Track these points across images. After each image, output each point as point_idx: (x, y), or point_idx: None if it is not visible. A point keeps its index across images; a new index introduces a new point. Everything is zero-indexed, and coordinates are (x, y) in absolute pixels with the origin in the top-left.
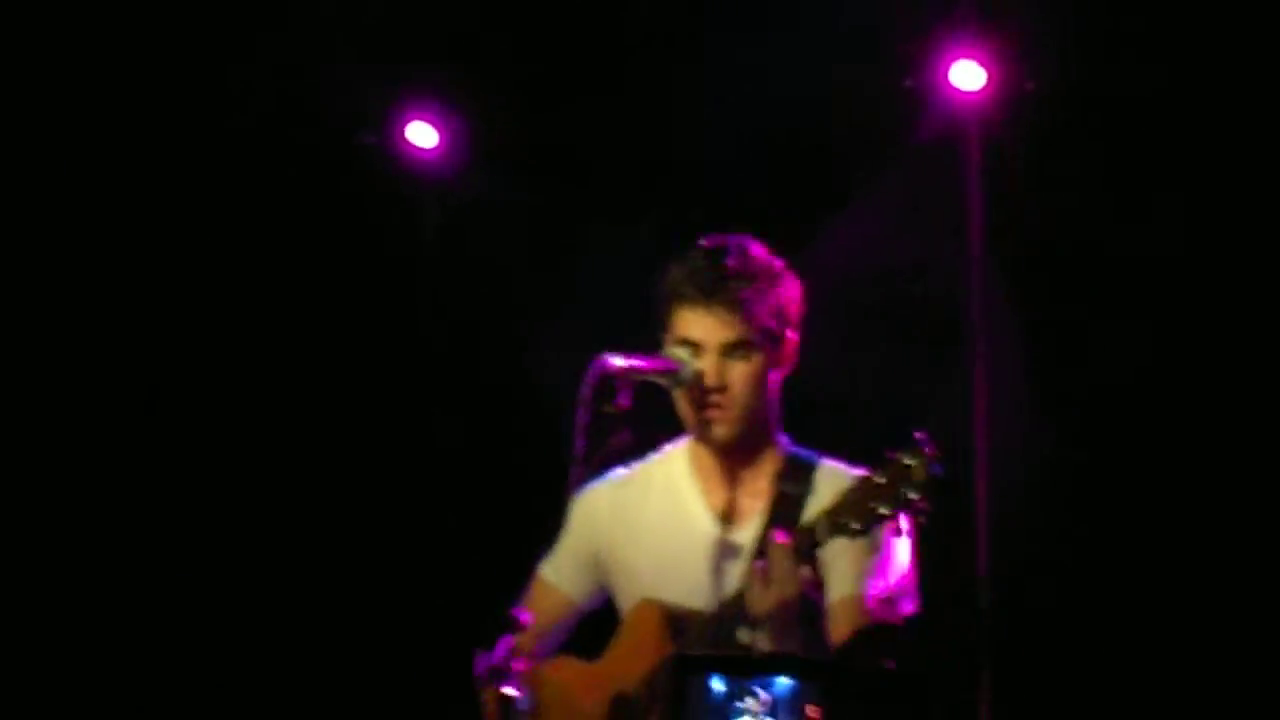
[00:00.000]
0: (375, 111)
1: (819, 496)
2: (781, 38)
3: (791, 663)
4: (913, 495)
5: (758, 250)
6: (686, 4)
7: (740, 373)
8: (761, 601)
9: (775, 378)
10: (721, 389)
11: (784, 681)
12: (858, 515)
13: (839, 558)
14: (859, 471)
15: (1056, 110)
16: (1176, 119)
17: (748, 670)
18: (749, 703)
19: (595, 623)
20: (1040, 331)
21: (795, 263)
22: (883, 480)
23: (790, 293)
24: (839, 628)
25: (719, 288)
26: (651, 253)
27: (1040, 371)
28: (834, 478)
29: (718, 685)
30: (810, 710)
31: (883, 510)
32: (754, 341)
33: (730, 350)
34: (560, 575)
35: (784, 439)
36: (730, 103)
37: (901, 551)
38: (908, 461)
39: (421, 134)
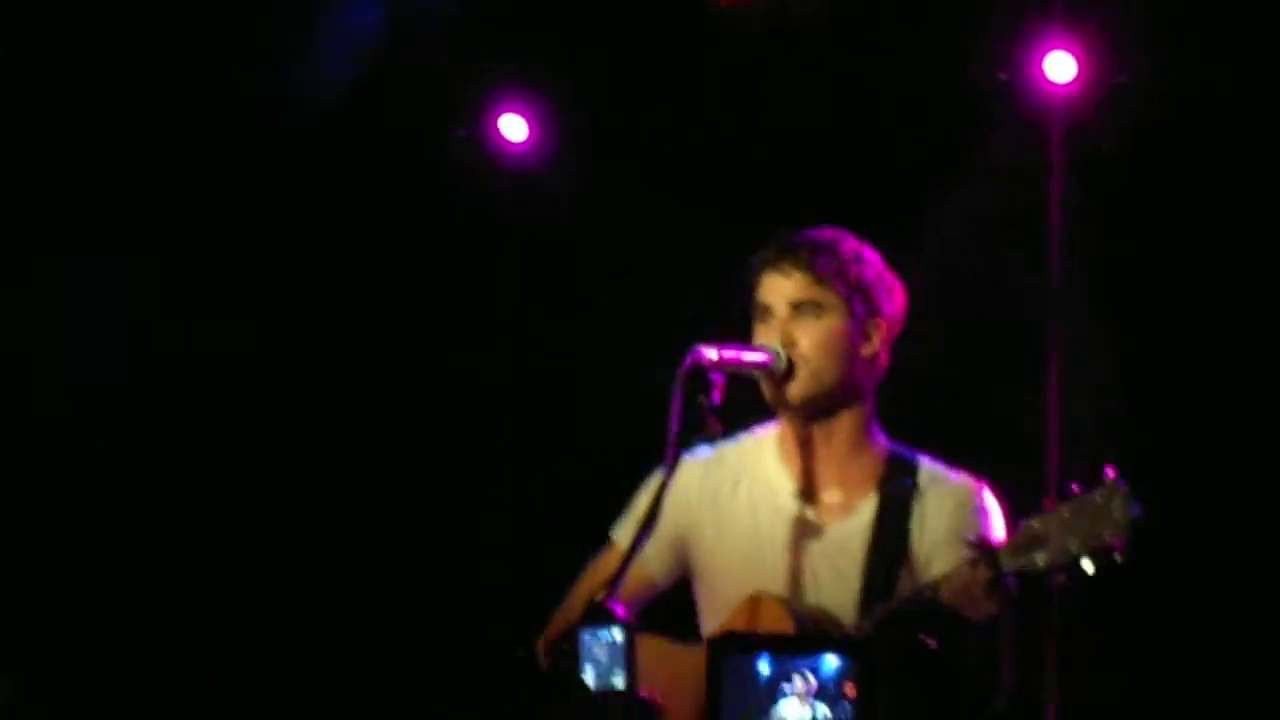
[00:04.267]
0: (468, 104)
1: (925, 498)
2: (873, 34)
3: (833, 640)
4: (1109, 535)
5: (845, 234)
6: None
7: (809, 331)
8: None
9: (859, 355)
10: (789, 344)
11: (831, 664)
12: (1046, 550)
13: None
14: (964, 477)
15: (1147, 104)
16: (1266, 115)
17: (788, 648)
18: (796, 683)
19: None
20: (1125, 335)
21: (892, 262)
22: (1071, 514)
23: (875, 274)
24: None
25: (789, 249)
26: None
27: (1122, 369)
28: (940, 481)
29: (764, 667)
30: (848, 688)
31: (1075, 548)
32: (821, 302)
33: (798, 309)
34: (643, 552)
35: (882, 436)
36: (821, 100)
37: None
38: (1103, 496)
39: (513, 127)
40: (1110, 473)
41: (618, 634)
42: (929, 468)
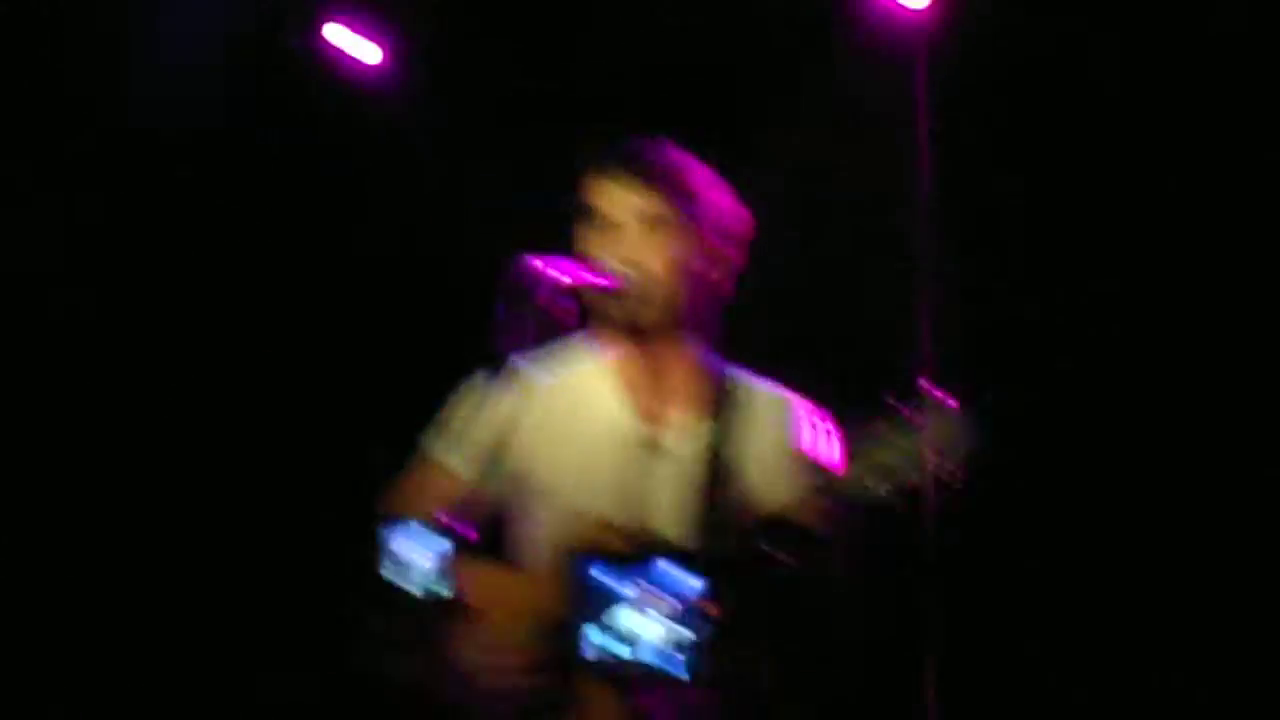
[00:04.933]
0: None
1: (754, 416)
2: None
3: (671, 549)
4: (949, 464)
5: (690, 155)
6: None
7: (658, 250)
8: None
9: (706, 280)
10: (634, 262)
11: (666, 571)
12: (879, 476)
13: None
14: (781, 390)
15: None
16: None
17: (634, 561)
18: (654, 604)
19: None
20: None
21: (739, 186)
22: (901, 438)
23: (724, 197)
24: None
25: (640, 162)
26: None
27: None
28: (762, 397)
29: (599, 574)
30: (709, 607)
31: (904, 478)
32: (671, 221)
33: (647, 226)
34: (468, 465)
35: (717, 358)
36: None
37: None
38: (936, 419)
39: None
40: (932, 391)
41: (442, 542)
42: (752, 385)
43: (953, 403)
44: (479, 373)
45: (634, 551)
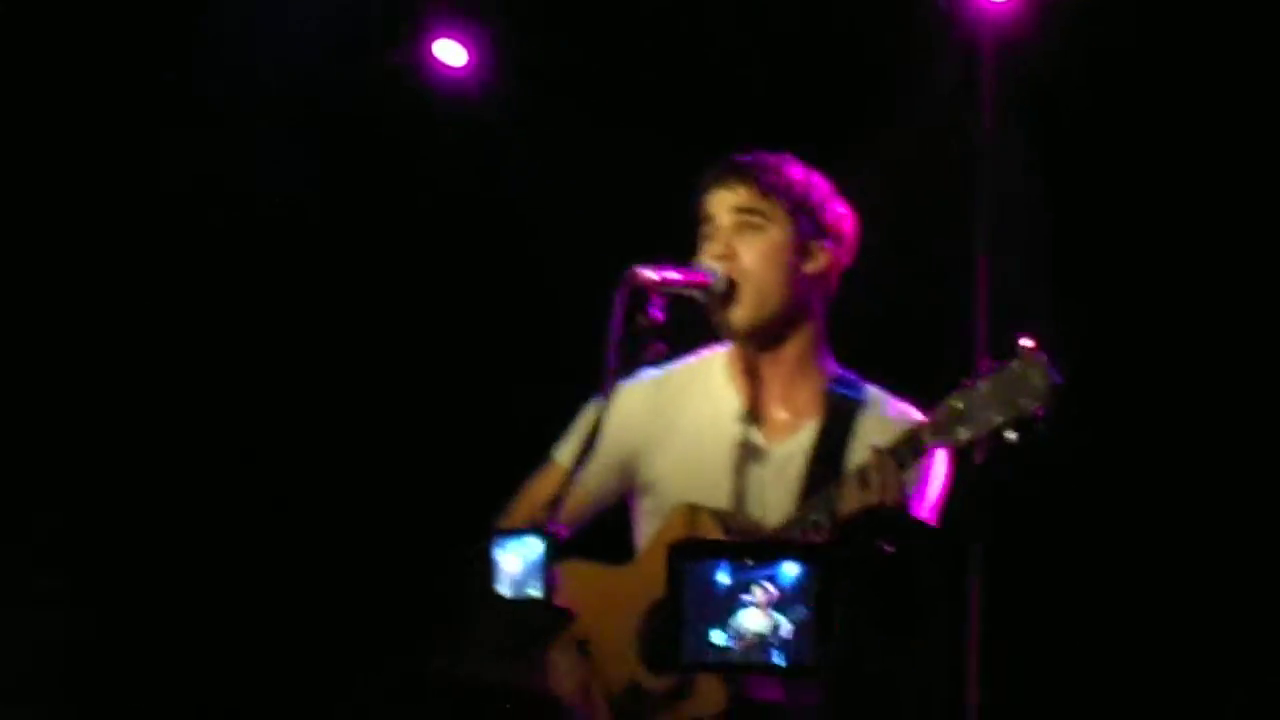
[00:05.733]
0: (404, 30)
1: (866, 425)
2: None
3: (791, 546)
4: (1031, 404)
5: (789, 157)
6: None
7: (750, 244)
8: (857, 504)
9: (802, 271)
10: (729, 256)
11: (790, 573)
12: (969, 424)
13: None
14: (908, 408)
15: (1085, 21)
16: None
17: (746, 554)
18: (755, 594)
19: None
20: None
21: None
22: (991, 389)
23: (822, 195)
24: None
25: (736, 165)
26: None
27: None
28: (882, 410)
29: (722, 577)
30: (809, 596)
31: (997, 419)
32: (765, 213)
33: (740, 221)
34: (587, 472)
35: (830, 361)
36: (754, 26)
37: (941, 467)
38: (1020, 367)
39: (450, 52)
40: (1026, 342)
41: (533, 543)
42: (875, 395)
43: (1040, 353)
44: (605, 383)
45: (752, 551)
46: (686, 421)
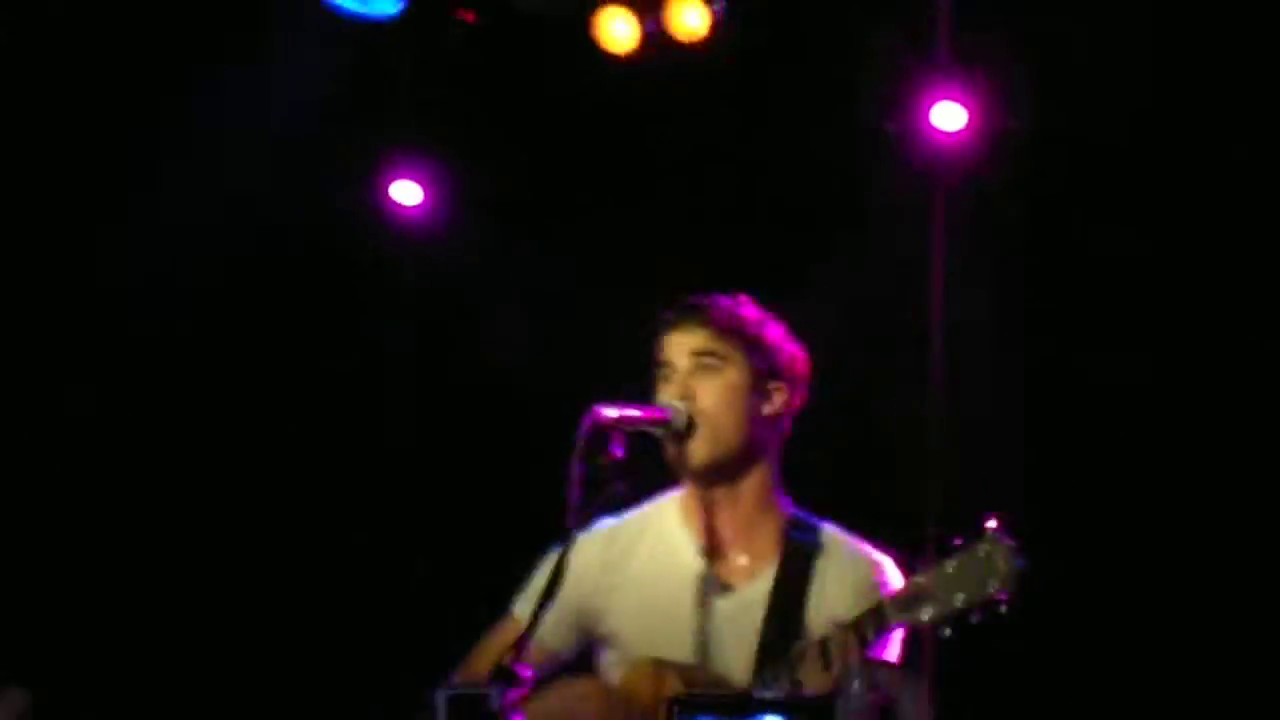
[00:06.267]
0: (358, 171)
1: (826, 568)
2: (762, 89)
3: (784, 702)
4: (995, 588)
5: (744, 298)
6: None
7: (708, 385)
8: (820, 683)
9: (759, 413)
10: (687, 398)
11: None
12: (933, 604)
13: None
14: (867, 550)
15: (1038, 149)
16: (1153, 158)
17: (743, 711)
18: None
19: None
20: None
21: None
22: (956, 569)
23: (776, 337)
24: None
25: (692, 308)
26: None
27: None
28: (842, 552)
29: None
30: None
31: (961, 601)
32: (722, 355)
33: (698, 361)
34: (544, 626)
35: (787, 501)
36: (713, 155)
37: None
38: (986, 550)
39: (406, 192)
40: (991, 524)
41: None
42: (832, 536)
43: (1007, 536)
44: (563, 532)
45: (744, 705)
46: (642, 569)
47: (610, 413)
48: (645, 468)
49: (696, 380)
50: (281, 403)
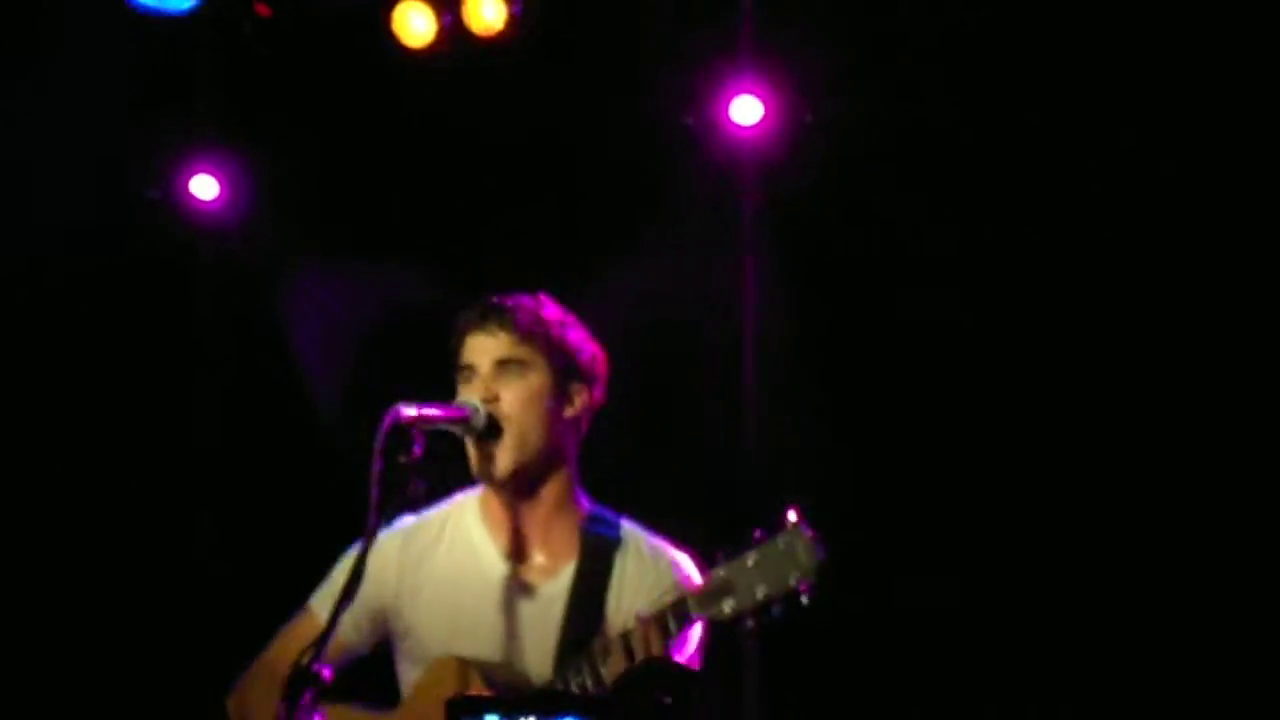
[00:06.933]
0: (159, 165)
1: (625, 563)
2: (560, 81)
3: (572, 700)
4: (795, 579)
5: (546, 299)
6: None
7: (512, 388)
8: (625, 677)
9: (562, 416)
10: (491, 400)
11: None
12: (735, 597)
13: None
14: (665, 546)
15: (835, 141)
16: (957, 144)
17: (527, 710)
18: None
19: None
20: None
21: (587, 318)
22: (757, 562)
23: (577, 339)
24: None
25: (494, 310)
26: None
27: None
28: (640, 548)
29: None
30: None
31: (762, 594)
32: (525, 360)
33: (502, 366)
34: (342, 621)
35: (585, 499)
36: (512, 149)
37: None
38: (787, 542)
39: (204, 186)
40: (792, 516)
41: None
42: (631, 532)
43: (808, 528)
44: (364, 530)
45: (531, 706)
46: (441, 567)
47: (409, 411)
48: (446, 465)
49: (500, 383)
50: (83, 402)
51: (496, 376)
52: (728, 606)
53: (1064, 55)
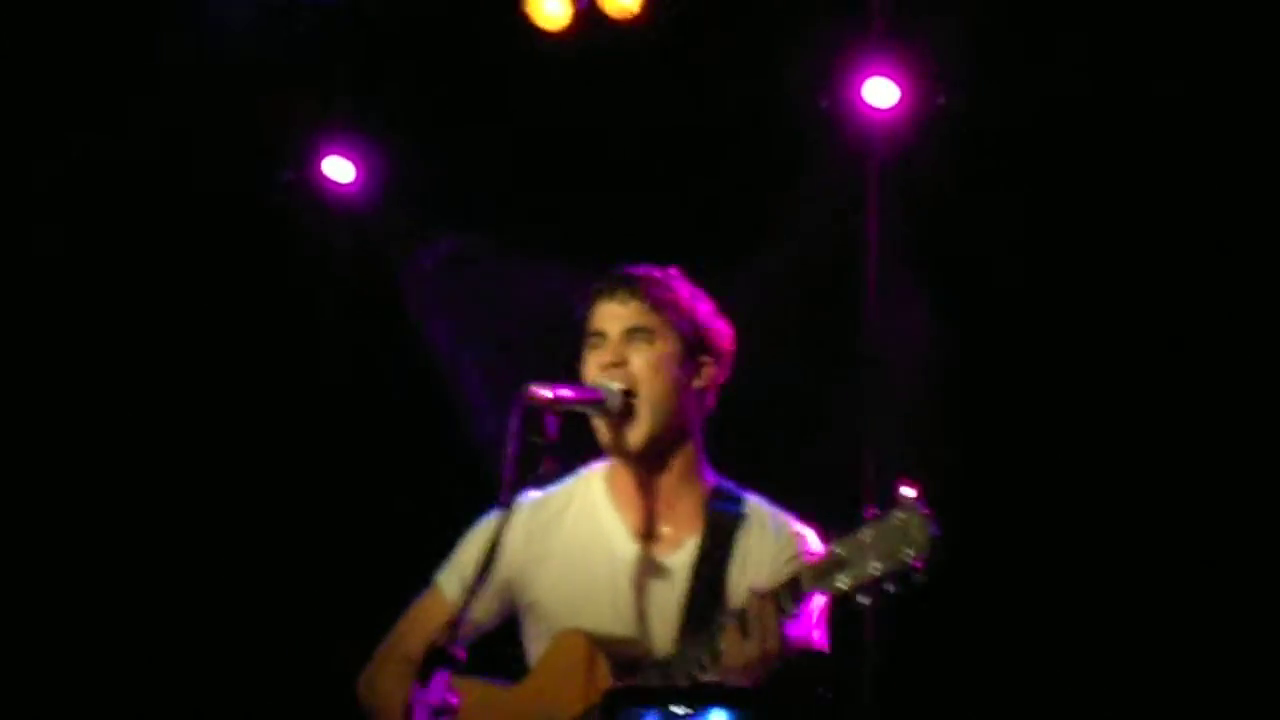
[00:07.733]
0: (294, 147)
1: (748, 537)
2: (693, 64)
3: (727, 693)
4: (910, 555)
5: (676, 272)
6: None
7: (641, 354)
8: (740, 653)
9: (689, 389)
10: (619, 364)
11: (719, 716)
12: (850, 572)
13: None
14: (789, 519)
15: (969, 125)
16: (1089, 132)
17: (682, 703)
18: None
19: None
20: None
21: (719, 298)
22: (873, 538)
23: (706, 312)
24: None
25: (625, 280)
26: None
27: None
28: (764, 522)
29: None
30: None
31: (877, 569)
32: (654, 329)
33: (631, 334)
34: (468, 594)
35: (710, 472)
36: (646, 131)
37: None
38: (901, 519)
39: (339, 169)
40: (908, 492)
41: None
42: (755, 507)
43: (923, 505)
44: (492, 507)
45: (683, 698)
46: (566, 542)
47: (544, 392)
48: (570, 442)
49: (629, 349)
50: (215, 384)
51: (626, 343)
52: (842, 581)
53: (1211, 34)
